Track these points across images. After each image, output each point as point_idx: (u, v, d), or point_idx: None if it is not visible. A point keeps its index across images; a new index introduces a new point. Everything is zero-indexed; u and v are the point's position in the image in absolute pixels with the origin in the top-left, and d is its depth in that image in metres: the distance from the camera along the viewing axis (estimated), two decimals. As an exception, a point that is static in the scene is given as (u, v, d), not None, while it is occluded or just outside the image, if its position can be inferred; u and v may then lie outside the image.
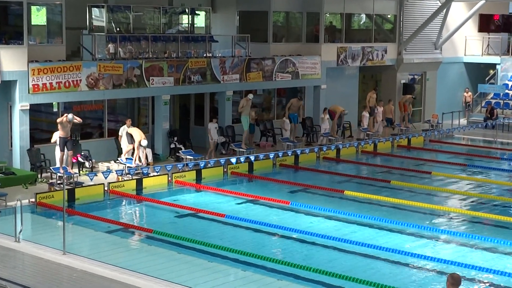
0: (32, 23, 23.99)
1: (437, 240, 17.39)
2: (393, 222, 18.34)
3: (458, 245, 17.02)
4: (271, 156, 24.84)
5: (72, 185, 20.78)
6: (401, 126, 32.68)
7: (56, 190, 20.06)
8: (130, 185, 21.53)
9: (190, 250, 15.90)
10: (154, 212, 19.96)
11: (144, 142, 23.15)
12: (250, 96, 27.31)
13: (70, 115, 21.48)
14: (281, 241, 17.32)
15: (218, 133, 26.25)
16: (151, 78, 25.05)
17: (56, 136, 21.71)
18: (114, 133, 25.31)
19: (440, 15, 35.30)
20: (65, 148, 21.54)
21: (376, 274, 14.66)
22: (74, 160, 22.39)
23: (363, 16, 34.57)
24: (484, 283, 14.52)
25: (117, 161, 23.69)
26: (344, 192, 21.65)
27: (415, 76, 36.74)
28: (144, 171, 22.45)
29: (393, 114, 32.97)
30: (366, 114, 31.25)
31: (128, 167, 22.70)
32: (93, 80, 23.51)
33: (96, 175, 21.50)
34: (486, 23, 39.86)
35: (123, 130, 23.70)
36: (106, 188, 20.93)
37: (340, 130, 30.26)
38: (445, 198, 21.87)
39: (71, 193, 20.01)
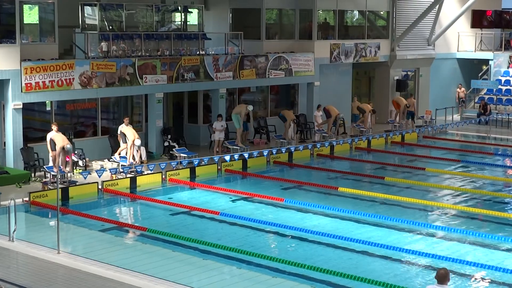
0: (25, 22, 23.91)
1: (431, 236, 17.40)
2: (387, 218, 18.35)
3: (452, 241, 17.04)
4: (265, 154, 24.83)
5: (65, 184, 20.73)
6: (394, 122, 32.75)
7: (50, 189, 20.02)
8: (124, 184, 21.50)
9: (185, 248, 15.90)
10: (148, 210, 19.93)
11: (138, 142, 23.12)
12: (250, 107, 27.15)
13: (69, 146, 21.19)
14: (275, 238, 17.32)
15: (223, 131, 26.35)
16: (144, 76, 25.02)
17: (50, 136, 21.58)
18: (108, 132, 25.29)
19: (432, 11, 35.34)
20: (56, 147, 21.45)
21: (370, 270, 14.68)
22: (67, 159, 22.31)
23: (356, 12, 34.58)
24: (478, 278, 14.55)
25: (110, 160, 23.66)
26: (338, 189, 21.66)
27: (408, 73, 36.78)
28: (138, 169, 22.43)
29: (415, 107, 33.63)
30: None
31: (122, 165, 22.67)
32: (86, 79, 23.48)
33: (90, 174, 21.48)
34: (478, 19, 39.95)
35: (121, 129, 23.64)
36: (100, 187, 20.89)
37: (335, 128, 30.25)
38: (439, 194, 21.90)
39: (64, 192, 19.97)
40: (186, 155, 24.30)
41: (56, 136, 21.30)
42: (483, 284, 14.40)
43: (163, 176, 22.42)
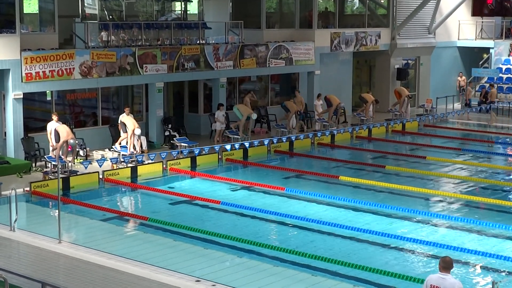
0: (24, 12, 23.90)
1: (431, 224, 17.42)
2: (388, 207, 18.36)
3: (453, 229, 17.05)
4: (266, 143, 24.83)
5: (66, 173, 20.75)
6: (391, 110, 32.72)
7: (51, 179, 20.04)
8: (124, 173, 21.50)
9: (186, 237, 15.91)
10: (149, 200, 19.95)
11: (138, 131, 23.10)
12: (254, 116, 27.06)
13: (72, 141, 21.12)
14: (276, 227, 17.33)
15: (224, 121, 26.31)
16: (144, 65, 24.99)
17: (50, 127, 21.54)
18: (108, 121, 25.29)
19: (433, -1, 35.29)
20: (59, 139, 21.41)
21: (371, 259, 14.70)
22: (70, 149, 22.32)
23: (356, 1, 34.52)
24: (479, 266, 14.57)
25: (111, 149, 23.67)
26: (339, 178, 21.66)
27: (409, 61, 36.74)
28: (138, 159, 22.43)
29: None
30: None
31: (122, 155, 22.68)
32: (86, 68, 23.46)
33: (91, 163, 21.49)
34: (479, 7, 39.89)
35: (121, 118, 23.62)
36: (100, 176, 20.90)
37: (335, 117, 30.19)
38: (439, 183, 21.91)
39: (65, 182, 19.98)
40: (186, 145, 24.30)
41: (60, 128, 21.25)
42: (483, 272, 14.41)
43: (164, 166, 22.43)
